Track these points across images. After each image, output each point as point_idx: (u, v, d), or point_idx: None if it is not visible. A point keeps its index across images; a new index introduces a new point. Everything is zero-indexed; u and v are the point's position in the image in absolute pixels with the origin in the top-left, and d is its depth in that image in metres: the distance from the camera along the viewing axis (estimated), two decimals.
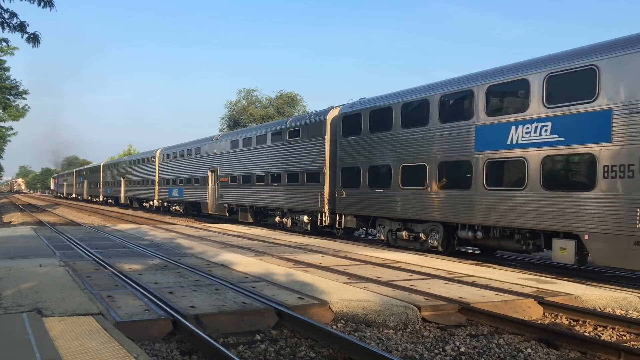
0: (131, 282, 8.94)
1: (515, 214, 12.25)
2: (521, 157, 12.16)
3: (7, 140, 47.67)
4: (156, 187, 38.79)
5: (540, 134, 11.77)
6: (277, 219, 23.05)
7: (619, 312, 8.44)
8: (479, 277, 10.40)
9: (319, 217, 19.79)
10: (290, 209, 22.03)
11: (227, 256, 12.55)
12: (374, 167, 16.89)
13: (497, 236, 13.08)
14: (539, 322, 7.70)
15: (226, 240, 16.71)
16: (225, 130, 56.69)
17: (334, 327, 7.08)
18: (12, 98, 38.75)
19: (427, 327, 7.23)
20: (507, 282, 9.85)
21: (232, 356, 5.45)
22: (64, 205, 54.48)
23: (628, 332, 7.29)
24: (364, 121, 17.41)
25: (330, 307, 7.53)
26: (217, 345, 5.75)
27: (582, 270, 12.32)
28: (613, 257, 10.40)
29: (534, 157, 11.85)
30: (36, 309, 6.74)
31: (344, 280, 9.61)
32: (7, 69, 37.39)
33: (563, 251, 11.28)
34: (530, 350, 6.32)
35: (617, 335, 7.23)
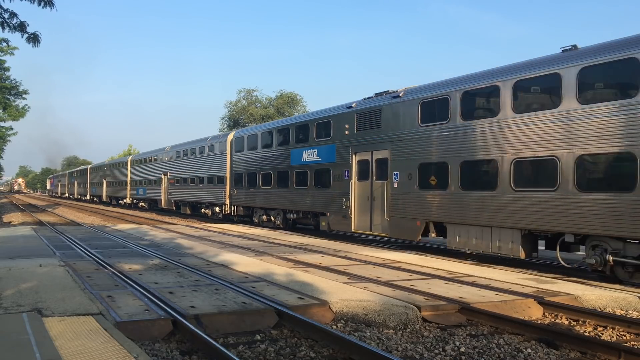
0: (131, 282, 8.94)
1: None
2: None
3: (7, 140, 47.69)
4: (128, 187, 47.45)
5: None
6: (202, 210, 31.67)
7: (619, 312, 8.45)
8: (479, 277, 10.40)
9: (224, 208, 28.13)
10: (209, 202, 30.17)
11: (227, 256, 12.55)
12: (250, 173, 24.83)
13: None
14: (539, 322, 7.70)
15: (226, 240, 16.71)
16: (225, 130, 56.86)
17: (334, 327, 7.08)
18: (12, 98, 38.76)
19: (427, 327, 7.23)
20: (507, 282, 9.85)
21: (232, 356, 5.45)
22: (64, 205, 54.48)
23: (628, 332, 7.29)
24: (245, 143, 25.93)
25: (330, 307, 7.53)
26: (217, 345, 5.75)
27: (582, 270, 12.32)
28: None
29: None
30: (36, 309, 6.74)
31: (344, 280, 9.61)
32: (7, 69, 37.41)
33: None
34: (530, 350, 6.32)
35: (617, 335, 7.23)
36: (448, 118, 14.02)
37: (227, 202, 27.62)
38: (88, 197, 65.19)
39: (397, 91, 16.18)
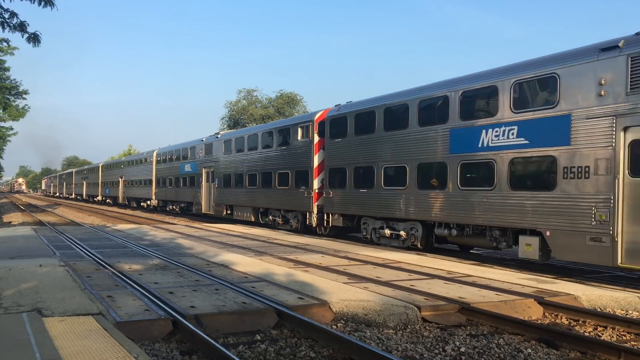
0: (131, 282, 8.94)
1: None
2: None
3: (7, 140, 47.70)
4: (99, 188, 59.93)
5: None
6: (145, 203, 41.52)
7: (619, 312, 8.45)
8: (479, 277, 10.40)
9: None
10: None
11: (227, 256, 12.55)
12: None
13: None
14: (539, 322, 7.70)
15: (226, 240, 16.71)
16: (225, 130, 56.97)
17: (334, 327, 7.08)
18: (12, 98, 38.75)
19: (427, 327, 7.23)
20: (507, 282, 9.85)
21: (232, 356, 5.45)
22: (64, 205, 54.50)
23: (628, 332, 7.29)
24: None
25: (330, 307, 7.53)
26: (217, 345, 5.75)
27: (582, 270, 12.32)
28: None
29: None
30: (36, 309, 6.74)
31: (344, 280, 9.61)
32: (7, 69, 37.40)
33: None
34: (530, 350, 6.32)
35: (617, 335, 7.23)
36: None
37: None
38: (73, 196, 78.60)
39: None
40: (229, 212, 27.33)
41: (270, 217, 23.32)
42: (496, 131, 12.55)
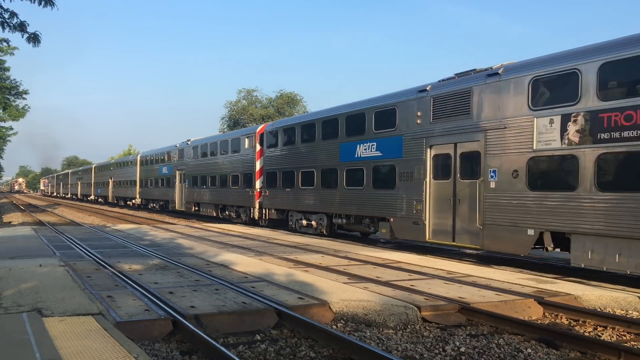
0: (131, 282, 8.94)
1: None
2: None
3: (7, 140, 47.71)
4: (92, 188, 64.93)
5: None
6: (130, 202, 46.49)
7: (619, 312, 8.45)
8: (479, 277, 10.40)
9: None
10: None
11: (227, 256, 12.55)
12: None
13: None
14: (539, 322, 7.70)
15: (226, 240, 16.72)
16: (226, 130, 57.06)
17: (334, 327, 7.08)
18: (12, 98, 38.75)
19: (427, 327, 7.23)
20: (507, 282, 9.85)
21: (232, 356, 5.45)
22: (64, 205, 54.49)
23: (628, 332, 7.29)
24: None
25: (330, 307, 7.53)
26: (217, 345, 5.75)
27: (582, 270, 12.31)
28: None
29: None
30: (36, 309, 6.74)
31: (344, 280, 9.61)
32: (7, 69, 37.40)
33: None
34: (530, 350, 6.32)
35: (617, 335, 7.23)
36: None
37: (137, 194, 43.97)
38: (68, 195, 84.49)
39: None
40: (196, 208, 31.48)
41: (227, 212, 27.79)
42: (365, 146, 17.04)
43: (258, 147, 23.87)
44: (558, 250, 11.95)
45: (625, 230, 9.98)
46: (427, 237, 14.35)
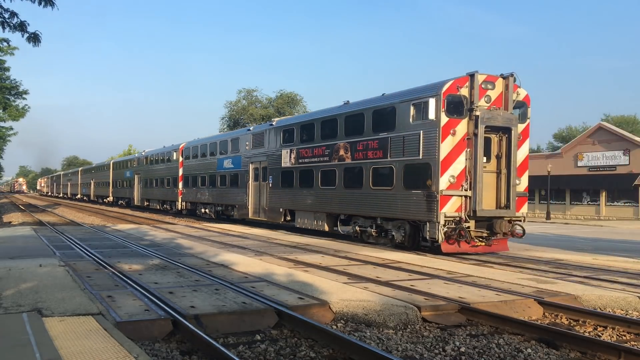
0: (131, 282, 8.94)
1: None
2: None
3: (7, 140, 47.71)
4: (79, 187, 73.22)
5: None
6: (106, 200, 54.42)
7: (619, 312, 8.45)
8: (479, 277, 10.40)
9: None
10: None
11: (227, 256, 12.55)
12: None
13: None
14: (539, 322, 7.70)
15: (226, 240, 16.72)
16: (226, 130, 57.25)
17: (334, 327, 7.08)
18: (12, 98, 38.75)
19: (427, 327, 7.23)
20: (507, 282, 9.86)
21: (232, 356, 5.45)
22: (64, 206, 54.49)
23: (628, 332, 7.29)
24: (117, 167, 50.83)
25: (330, 307, 7.53)
26: (217, 345, 5.75)
27: (582, 269, 12.32)
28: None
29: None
30: (36, 309, 6.74)
31: (344, 280, 9.62)
32: (7, 69, 37.39)
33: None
34: (530, 350, 6.32)
35: (617, 335, 7.23)
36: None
37: (110, 194, 54.00)
38: (61, 195, 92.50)
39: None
40: (147, 203, 41.42)
41: (164, 206, 37.74)
42: (227, 161, 26.87)
43: (180, 159, 33.64)
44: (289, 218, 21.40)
45: (308, 207, 19.71)
46: (250, 215, 24.24)
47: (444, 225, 13.54)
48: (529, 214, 48.02)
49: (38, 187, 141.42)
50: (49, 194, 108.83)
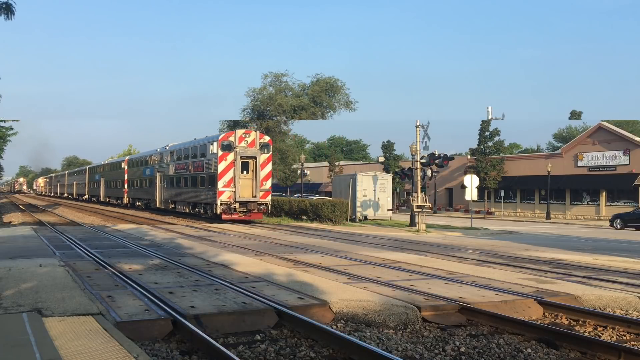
0: (131, 282, 8.94)
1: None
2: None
3: (7, 140, 47.68)
4: (65, 187, 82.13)
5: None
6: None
7: (619, 312, 8.45)
8: (479, 277, 10.41)
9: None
10: (80, 194, 68.50)
11: (227, 256, 12.55)
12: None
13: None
14: (539, 322, 7.70)
15: (226, 240, 16.73)
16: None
17: (334, 327, 7.08)
18: None
19: (427, 327, 7.23)
20: (507, 282, 9.86)
21: (232, 356, 5.44)
22: (64, 206, 54.52)
23: (628, 332, 7.29)
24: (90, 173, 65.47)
25: (330, 307, 7.53)
26: (217, 345, 5.75)
27: (582, 269, 12.33)
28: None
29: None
30: (36, 309, 6.74)
31: (344, 280, 9.62)
32: None
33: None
34: (530, 350, 6.32)
35: (617, 335, 7.23)
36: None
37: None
38: (52, 194, 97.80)
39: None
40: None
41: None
42: (148, 170, 40.66)
43: (126, 168, 46.71)
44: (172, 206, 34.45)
45: (181, 199, 33.73)
46: (158, 205, 36.62)
47: (220, 206, 26.77)
48: (528, 214, 48.37)
49: (34, 187, 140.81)
50: (44, 193, 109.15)
